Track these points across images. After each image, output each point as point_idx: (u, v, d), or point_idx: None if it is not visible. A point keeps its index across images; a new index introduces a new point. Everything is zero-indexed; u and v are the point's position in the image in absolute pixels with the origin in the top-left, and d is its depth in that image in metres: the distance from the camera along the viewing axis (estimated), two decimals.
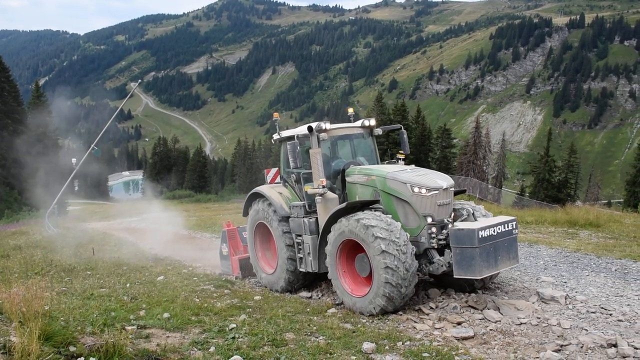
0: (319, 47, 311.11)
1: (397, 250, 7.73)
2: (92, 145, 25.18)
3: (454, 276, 7.84)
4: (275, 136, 10.95)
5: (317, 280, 10.54)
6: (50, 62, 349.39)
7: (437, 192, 8.40)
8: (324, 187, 9.22)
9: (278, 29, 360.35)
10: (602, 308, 8.02)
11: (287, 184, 10.64)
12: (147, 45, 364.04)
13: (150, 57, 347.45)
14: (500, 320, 7.59)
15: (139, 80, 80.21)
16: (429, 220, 8.41)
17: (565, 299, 8.45)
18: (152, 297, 9.35)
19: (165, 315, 7.75)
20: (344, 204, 8.73)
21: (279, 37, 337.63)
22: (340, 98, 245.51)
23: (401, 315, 8.16)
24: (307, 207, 9.77)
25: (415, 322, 7.78)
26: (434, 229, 8.42)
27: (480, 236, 7.50)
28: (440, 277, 9.17)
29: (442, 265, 8.22)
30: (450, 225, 8.35)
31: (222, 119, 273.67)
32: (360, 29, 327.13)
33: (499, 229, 7.83)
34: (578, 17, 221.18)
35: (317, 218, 9.56)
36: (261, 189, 10.83)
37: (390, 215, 8.45)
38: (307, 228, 9.53)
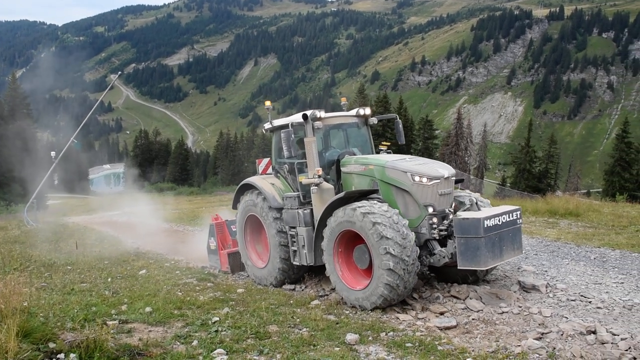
0: (301, 39, 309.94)
1: (399, 240, 7.47)
2: (72, 138, 24.85)
3: (458, 267, 7.65)
4: (267, 125, 10.60)
5: (311, 273, 10.27)
6: (28, 53, 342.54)
7: (438, 181, 8.14)
8: (319, 176, 8.93)
9: (260, 20, 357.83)
10: (581, 296, 8.14)
11: (279, 174, 10.29)
12: (127, 36, 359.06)
13: (130, 49, 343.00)
14: (482, 310, 7.66)
15: (119, 72, 79.23)
16: (430, 210, 8.15)
17: (546, 287, 8.55)
18: (134, 291, 9.27)
19: (148, 309, 7.69)
20: (342, 194, 8.45)
21: (260, 28, 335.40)
22: (323, 90, 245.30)
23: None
24: (301, 198, 9.45)
25: (398, 312, 7.81)
26: (434, 220, 8.13)
27: (485, 226, 7.32)
28: (439, 270, 9.05)
29: (444, 257, 7.98)
30: (451, 215, 8.15)
31: (204, 111, 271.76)
32: (342, 21, 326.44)
33: (503, 218, 7.67)
34: (557, 9, 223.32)
35: (311, 209, 9.27)
36: (252, 179, 10.46)
37: (387, 204, 8.19)
38: (302, 219, 9.20)
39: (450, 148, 54.24)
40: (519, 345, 6.15)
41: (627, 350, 5.86)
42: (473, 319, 7.35)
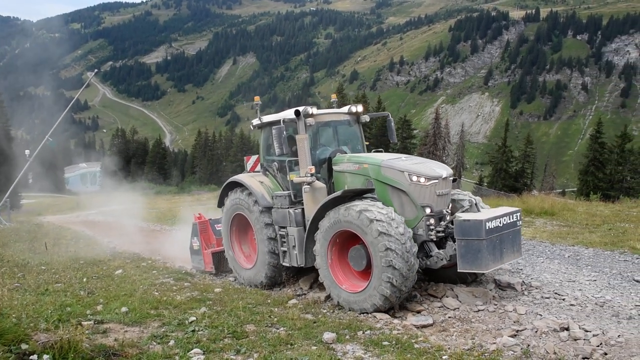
0: (280, 38, 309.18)
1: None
2: (47, 137, 24.43)
3: (458, 270, 7.47)
4: (255, 121, 10.28)
5: (289, 272, 10.12)
6: (1, 49, 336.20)
7: (436, 181, 7.95)
8: (312, 175, 8.65)
9: (239, 19, 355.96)
10: (555, 293, 8.27)
11: (268, 172, 10.00)
12: (104, 33, 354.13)
13: (107, 46, 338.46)
14: (458, 308, 7.74)
15: (96, 70, 78.01)
16: (428, 211, 7.93)
17: (521, 285, 8.67)
18: (110, 291, 9.16)
19: (124, 309, 7.59)
20: (338, 193, 8.17)
21: (239, 27, 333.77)
22: (302, 89, 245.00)
23: None
24: (292, 197, 9.20)
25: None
26: (432, 221, 7.92)
27: (487, 228, 7.15)
28: (436, 272, 8.83)
29: (441, 259, 7.80)
30: (448, 216, 8.03)
31: (182, 109, 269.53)
32: (321, 20, 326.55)
33: (504, 220, 7.51)
34: (534, 11, 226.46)
35: (303, 209, 9.02)
36: (240, 177, 10.11)
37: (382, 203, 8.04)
38: (293, 219, 8.93)
39: (428, 148, 54.66)
40: (494, 343, 6.23)
41: (598, 346, 5.98)
42: (449, 317, 7.43)
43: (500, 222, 7.40)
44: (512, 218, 7.69)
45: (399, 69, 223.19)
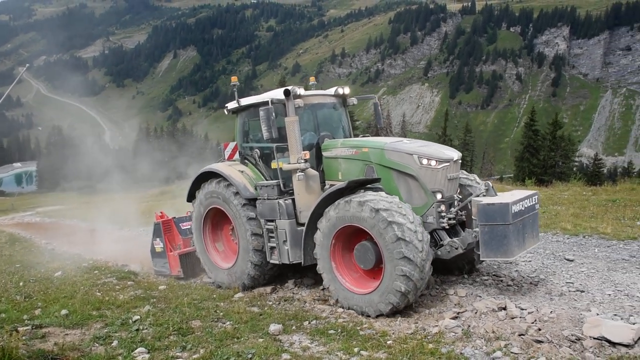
0: (220, 31, 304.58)
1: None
2: None
3: (481, 258, 7.05)
4: (232, 104, 9.25)
5: (290, 272, 9.29)
6: None
7: (447, 164, 7.31)
8: (305, 161, 7.84)
9: (178, 12, 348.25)
10: (494, 275, 8.59)
11: (247, 161, 9.13)
12: (35, 26, 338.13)
13: (40, 40, 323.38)
14: None
15: (27, 65, 74.69)
16: (439, 196, 7.31)
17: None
18: (49, 294, 8.88)
19: (64, 312, 7.39)
20: (343, 183, 7.29)
21: (179, 20, 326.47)
22: (244, 82, 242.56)
23: (307, 295, 8.31)
24: (281, 186, 8.30)
25: (324, 299, 7.98)
26: (442, 207, 7.32)
27: (513, 211, 6.65)
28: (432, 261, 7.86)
29: (456, 248, 7.21)
30: (459, 201, 7.55)
31: (122, 105, 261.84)
32: (262, 13, 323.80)
33: (526, 203, 7.01)
34: (470, 3, 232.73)
35: (293, 199, 8.16)
36: (217, 167, 8.99)
37: (397, 197, 7.22)
38: (284, 211, 8.02)
39: None
40: (437, 325, 6.42)
41: (533, 322, 6.27)
42: None
43: (522, 206, 6.93)
44: (532, 201, 7.23)
45: (341, 61, 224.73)
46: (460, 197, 7.83)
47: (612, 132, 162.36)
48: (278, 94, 8.19)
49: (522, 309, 6.71)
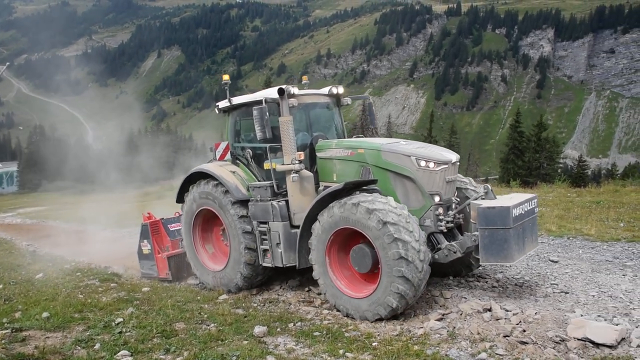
0: (205, 31, 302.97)
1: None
2: None
3: (481, 263, 6.98)
4: (223, 103, 9.09)
5: (282, 274, 9.19)
6: None
7: (446, 166, 7.26)
8: (300, 162, 7.74)
9: (162, 11, 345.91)
10: (479, 277, 8.61)
11: (238, 161, 8.97)
12: (16, 24, 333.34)
13: (20, 38, 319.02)
14: None
15: (7, 63, 73.78)
16: (437, 199, 7.25)
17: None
18: (30, 296, 8.73)
19: (45, 314, 7.28)
20: (340, 185, 7.18)
21: (163, 19, 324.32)
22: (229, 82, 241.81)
23: (292, 297, 8.27)
24: (275, 187, 8.15)
25: (308, 301, 7.95)
26: (440, 210, 7.27)
27: (514, 215, 6.57)
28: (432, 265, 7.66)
29: (454, 252, 7.09)
30: (456, 204, 7.50)
31: (105, 105, 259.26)
32: (247, 12, 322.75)
33: (526, 206, 6.95)
34: (455, 5, 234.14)
35: (287, 201, 8.02)
36: (208, 167, 8.84)
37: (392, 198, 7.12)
38: (277, 213, 7.88)
39: None
40: (422, 327, 6.43)
41: (517, 324, 6.30)
42: None
43: (522, 209, 6.85)
44: (532, 204, 7.17)
45: (327, 62, 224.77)
46: (458, 200, 7.79)
47: (596, 134, 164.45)
48: (272, 92, 8.07)
49: (507, 311, 6.74)
